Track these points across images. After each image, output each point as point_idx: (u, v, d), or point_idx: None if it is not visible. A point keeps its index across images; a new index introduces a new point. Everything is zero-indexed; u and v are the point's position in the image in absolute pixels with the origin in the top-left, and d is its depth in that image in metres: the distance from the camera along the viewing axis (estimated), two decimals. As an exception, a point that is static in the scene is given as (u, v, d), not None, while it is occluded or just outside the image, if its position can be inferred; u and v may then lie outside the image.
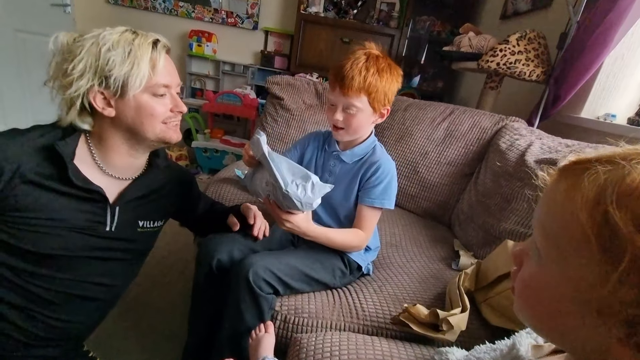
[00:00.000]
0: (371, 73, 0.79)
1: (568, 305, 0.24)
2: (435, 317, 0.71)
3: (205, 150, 2.54)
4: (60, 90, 0.63)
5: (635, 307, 0.21)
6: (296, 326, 0.80)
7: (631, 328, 0.21)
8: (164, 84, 0.68)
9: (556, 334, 0.27)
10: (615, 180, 0.22)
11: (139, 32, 0.67)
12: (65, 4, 2.37)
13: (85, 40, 0.62)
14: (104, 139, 0.69)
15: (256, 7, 2.72)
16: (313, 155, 0.98)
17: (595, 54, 1.19)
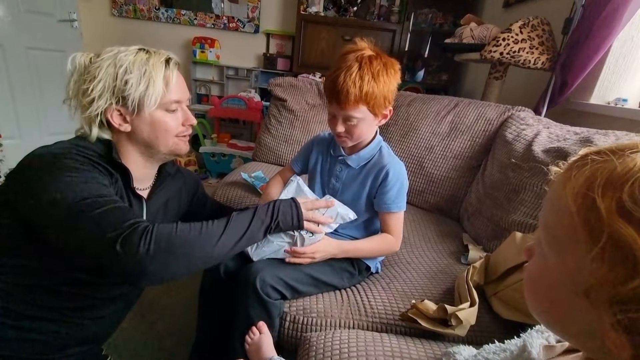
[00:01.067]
0: (366, 81, 0.75)
1: (564, 291, 0.25)
2: (444, 312, 0.71)
3: (213, 155, 2.57)
4: (80, 109, 0.67)
5: (615, 286, 0.21)
6: (305, 326, 0.80)
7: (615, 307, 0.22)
8: (176, 100, 0.71)
9: (557, 323, 0.28)
10: (604, 171, 0.23)
11: (151, 50, 0.70)
12: (72, 20, 2.44)
13: (102, 61, 0.65)
14: (122, 152, 0.72)
15: (256, 11, 2.74)
16: (318, 160, 0.97)
17: (602, 37, 1.16)
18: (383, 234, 0.89)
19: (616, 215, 0.21)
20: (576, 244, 0.24)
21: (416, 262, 1.02)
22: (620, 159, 0.23)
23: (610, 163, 0.23)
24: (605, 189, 0.22)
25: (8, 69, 2.25)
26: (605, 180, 0.23)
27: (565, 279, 0.25)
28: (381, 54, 0.80)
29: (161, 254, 0.57)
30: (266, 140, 1.74)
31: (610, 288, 0.22)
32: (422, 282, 0.91)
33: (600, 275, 0.22)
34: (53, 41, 2.41)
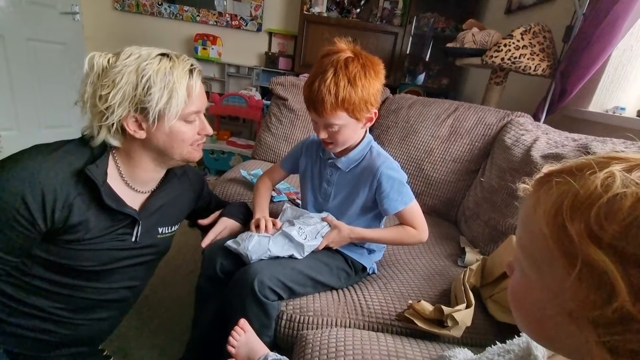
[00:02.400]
0: (342, 87, 0.72)
1: (549, 311, 0.25)
2: (440, 313, 0.72)
3: (212, 152, 2.57)
4: (95, 115, 0.64)
5: (596, 309, 0.22)
6: (301, 324, 0.80)
7: (599, 329, 0.22)
8: (195, 111, 0.69)
9: (546, 340, 0.28)
10: (569, 194, 0.23)
11: (174, 56, 0.66)
12: (74, 12, 2.43)
13: (124, 67, 0.62)
14: (132, 157, 0.70)
15: (259, 9, 2.75)
16: (307, 165, 0.95)
17: (602, 47, 1.17)
18: (403, 226, 0.87)
19: (587, 240, 0.22)
20: (554, 267, 0.24)
21: (413, 263, 1.03)
22: (581, 181, 0.23)
23: (573, 186, 0.24)
24: (573, 213, 0.23)
25: (8, 60, 2.24)
26: (571, 203, 0.23)
27: (548, 299, 0.25)
28: (360, 54, 0.76)
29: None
30: (266, 138, 1.74)
31: (592, 311, 0.22)
32: (419, 283, 0.92)
33: (580, 298, 0.22)
34: (54, 33, 2.40)
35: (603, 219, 0.21)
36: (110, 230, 0.70)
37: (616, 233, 0.21)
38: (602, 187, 0.22)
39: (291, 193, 1.38)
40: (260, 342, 0.69)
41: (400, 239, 0.88)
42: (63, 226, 0.63)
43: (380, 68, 0.78)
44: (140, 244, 0.76)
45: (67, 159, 0.64)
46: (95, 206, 0.66)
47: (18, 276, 0.64)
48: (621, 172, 0.22)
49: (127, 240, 0.73)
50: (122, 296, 0.78)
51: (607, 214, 0.21)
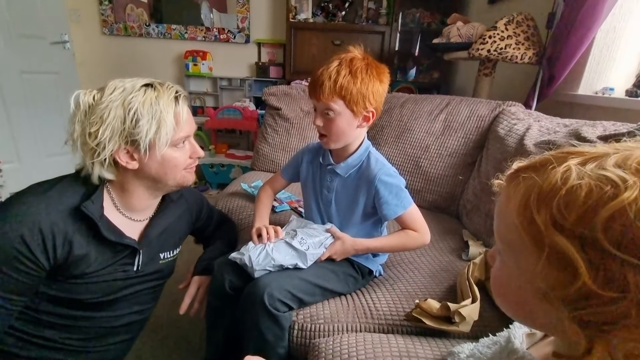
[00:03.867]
0: (342, 75, 0.77)
1: (526, 294, 0.28)
2: (447, 310, 0.73)
3: (211, 166, 2.59)
4: (87, 152, 0.65)
5: (563, 289, 0.24)
6: (313, 332, 0.82)
7: (568, 306, 0.24)
8: (185, 136, 0.71)
9: (527, 319, 0.31)
10: (534, 188, 0.26)
11: (158, 85, 0.67)
12: (64, 41, 2.46)
13: (110, 102, 0.63)
14: (126, 188, 0.71)
15: (246, 21, 2.77)
16: (309, 172, 0.97)
17: (584, 31, 1.19)
18: (404, 230, 0.89)
19: (552, 228, 0.24)
20: (527, 253, 0.26)
21: (418, 261, 1.04)
22: (544, 176, 0.26)
23: (537, 181, 0.26)
24: (539, 204, 0.25)
25: (3, 94, 2.27)
26: (537, 196, 0.25)
27: (525, 284, 0.28)
28: (368, 57, 0.81)
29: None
30: (264, 149, 1.76)
31: (560, 290, 0.24)
32: (425, 281, 0.93)
33: (550, 279, 0.25)
34: (46, 63, 2.44)
35: (563, 209, 0.24)
36: (111, 262, 0.71)
37: (575, 220, 0.23)
38: (561, 180, 0.25)
39: (293, 202, 1.39)
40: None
41: (403, 244, 0.90)
42: (65, 262, 0.64)
43: (385, 72, 0.82)
44: (143, 272, 0.78)
45: (61, 198, 0.64)
46: (94, 240, 0.67)
47: (27, 312, 0.66)
48: (576, 166, 0.25)
49: (129, 270, 0.75)
50: (131, 320, 0.80)
51: (567, 204, 0.24)
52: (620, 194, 0.22)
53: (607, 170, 0.24)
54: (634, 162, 0.24)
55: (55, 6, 2.41)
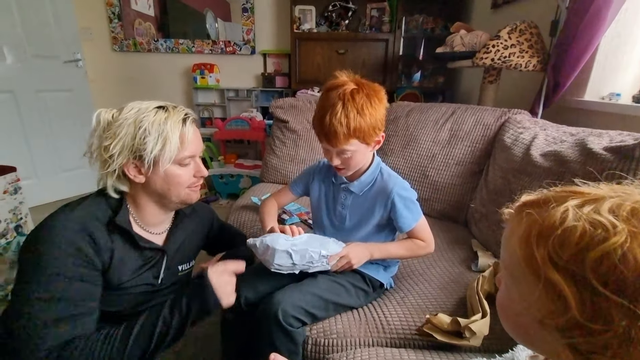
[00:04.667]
0: (352, 118, 0.77)
1: (526, 319, 0.30)
2: (457, 325, 0.74)
3: (221, 177, 2.64)
4: (101, 163, 0.72)
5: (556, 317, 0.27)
6: (327, 347, 0.84)
7: (561, 333, 0.27)
8: (189, 156, 0.75)
9: (527, 342, 0.33)
10: (535, 224, 0.28)
11: (170, 107, 0.74)
12: (77, 59, 2.55)
13: (124, 120, 0.69)
14: (138, 202, 0.77)
15: (251, 33, 2.82)
16: (321, 190, 0.99)
17: (588, 37, 1.19)
18: (412, 239, 0.92)
19: (548, 263, 0.27)
20: (526, 283, 0.29)
21: (428, 273, 1.06)
22: (544, 214, 0.28)
23: (538, 218, 0.29)
24: (538, 241, 0.28)
25: (20, 113, 2.36)
26: (537, 233, 0.28)
27: (524, 310, 0.30)
28: (363, 84, 0.81)
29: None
30: (272, 161, 1.79)
31: (553, 319, 0.27)
32: (435, 293, 0.95)
33: (545, 309, 0.28)
34: (60, 81, 2.52)
35: (558, 247, 0.26)
36: (140, 272, 0.76)
37: (568, 258, 0.26)
38: (559, 220, 0.27)
39: (302, 214, 1.42)
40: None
41: (412, 252, 0.93)
42: (108, 269, 0.70)
43: (383, 94, 0.84)
44: (165, 284, 0.82)
45: (92, 213, 0.71)
46: (127, 249, 0.74)
47: None
48: (574, 208, 0.27)
49: (154, 283, 0.80)
50: None
51: (562, 243, 0.26)
52: (609, 238, 0.24)
53: (601, 215, 0.26)
54: (626, 210, 0.26)
55: (68, 26, 2.49)
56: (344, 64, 2.62)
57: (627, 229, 0.24)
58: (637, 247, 0.24)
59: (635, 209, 0.25)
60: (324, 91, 0.84)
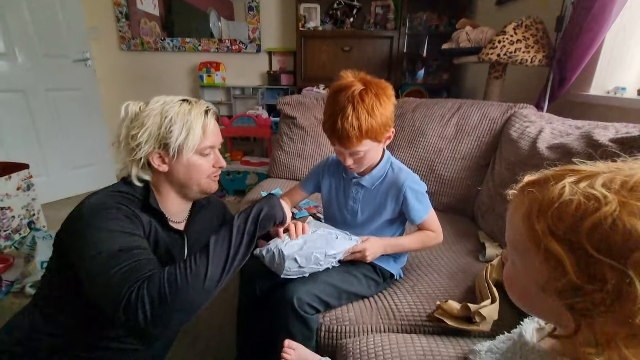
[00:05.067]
0: (363, 120, 0.78)
1: (530, 287, 0.34)
2: (467, 310, 0.77)
3: (228, 173, 2.67)
4: (127, 152, 0.75)
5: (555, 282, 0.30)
6: (339, 334, 0.87)
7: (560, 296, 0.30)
8: (210, 146, 0.79)
9: (532, 308, 0.37)
10: (536, 201, 0.32)
11: (193, 101, 0.78)
12: (86, 58, 2.58)
13: (151, 110, 0.73)
14: (160, 191, 0.80)
15: (257, 31, 2.85)
16: (332, 186, 1.01)
17: (594, 33, 1.21)
18: (422, 231, 0.94)
19: (548, 235, 0.30)
20: (529, 255, 0.32)
21: (436, 263, 1.08)
22: (544, 192, 0.31)
23: (538, 195, 0.32)
24: (538, 215, 0.31)
25: (32, 112, 2.40)
26: (537, 209, 0.31)
27: (528, 279, 0.34)
28: (370, 83, 0.81)
29: (158, 314, 0.57)
30: (280, 157, 1.82)
31: (553, 284, 0.30)
32: (444, 282, 0.97)
33: (546, 275, 0.31)
34: (69, 81, 2.56)
35: (557, 220, 0.30)
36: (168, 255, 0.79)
37: (565, 228, 0.29)
38: (557, 196, 0.30)
39: (311, 208, 1.45)
40: (311, 352, 0.75)
41: (424, 243, 0.96)
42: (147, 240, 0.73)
43: (390, 91, 0.84)
44: None
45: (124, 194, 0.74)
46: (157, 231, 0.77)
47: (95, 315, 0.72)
48: (570, 184, 0.30)
49: None
50: None
51: (560, 215, 0.29)
52: (601, 208, 0.27)
53: (594, 188, 0.29)
54: (617, 183, 0.29)
55: (76, 26, 2.53)
56: (349, 61, 2.64)
57: (617, 200, 0.27)
58: (626, 214, 0.27)
59: (625, 181, 0.28)
60: (332, 93, 0.84)
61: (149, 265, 0.64)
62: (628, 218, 0.26)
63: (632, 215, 0.26)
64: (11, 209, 1.85)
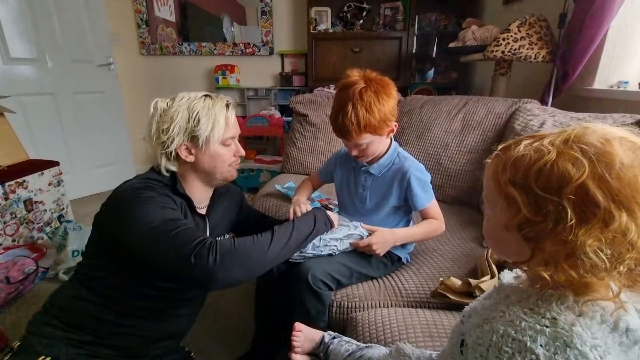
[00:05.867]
0: (361, 116, 0.85)
1: (499, 232, 0.41)
2: (468, 285, 0.83)
3: (242, 171, 2.77)
4: (158, 145, 0.82)
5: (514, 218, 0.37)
6: (350, 309, 0.94)
7: (519, 229, 0.38)
8: (231, 136, 0.87)
9: (503, 250, 0.44)
10: (501, 160, 0.39)
11: (214, 96, 0.86)
12: (109, 63, 2.74)
13: (179, 106, 0.81)
14: (186, 179, 0.88)
15: (270, 35, 2.96)
16: (343, 175, 1.09)
17: (595, 29, 1.25)
18: (428, 220, 1.00)
19: (508, 184, 0.38)
20: (497, 202, 0.40)
21: (441, 249, 1.14)
22: (508, 153, 0.39)
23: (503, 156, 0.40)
24: (502, 170, 0.39)
25: (59, 114, 2.56)
26: (502, 166, 0.39)
27: (497, 223, 0.41)
28: (371, 81, 0.88)
29: (226, 263, 0.69)
30: (293, 153, 1.90)
31: (512, 220, 0.38)
32: (449, 265, 1.03)
33: (507, 215, 0.38)
34: (94, 84, 2.72)
35: (514, 170, 0.37)
36: None
37: (520, 176, 0.37)
38: (515, 153, 0.38)
39: (323, 200, 1.52)
40: (316, 331, 0.83)
41: (430, 232, 1.00)
42: None
43: (391, 88, 0.90)
44: None
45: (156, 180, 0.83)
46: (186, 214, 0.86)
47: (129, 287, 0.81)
48: (525, 144, 0.38)
49: None
50: (197, 294, 0.95)
51: (516, 167, 0.37)
52: (544, 157, 0.35)
53: (542, 144, 0.37)
54: (559, 139, 0.36)
55: (101, 32, 2.68)
56: (358, 61, 2.71)
57: (556, 150, 0.35)
58: (561, 161, 0.34)
59: (564, 138, 0.36)
60: (338, 91, 0.93)
61: (198, 232, 0.74)
62: (562, 163, 0.34)
63: (565, 160, 0.34)
64: (43, 203, 1.99)
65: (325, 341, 0.80)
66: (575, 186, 0.33)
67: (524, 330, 0.35)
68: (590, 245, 0.33)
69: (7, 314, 1.44)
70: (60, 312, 0.80)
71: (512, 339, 0.36)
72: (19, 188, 1.83)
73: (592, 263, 0.33)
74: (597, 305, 0.35)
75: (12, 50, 2.27)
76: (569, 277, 0.35)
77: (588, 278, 0.34)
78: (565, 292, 0.37)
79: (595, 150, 0.34)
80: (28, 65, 2.38)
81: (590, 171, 0.33)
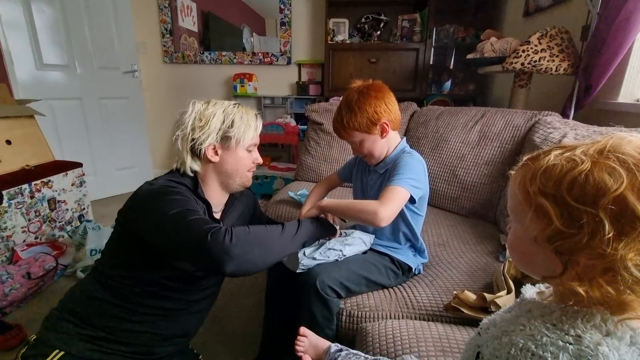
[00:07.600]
0: (344, 116, 0.95)
1: (526, 245, 0.39)
2: (483, 300, 0.80)
3: (256, 178, 2.80)
4: (188, 143, 0.87)
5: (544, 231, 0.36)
6: (360, 319, 0.93)
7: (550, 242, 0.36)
8: (254, 143, 0.93)
9: (529, 265, 0.42)
10: (530, 170, 0.38)
11: (243, 105, 0.93)
12: (134, 70, 2.85)
13: (215, 109, 0.88)
14: (205, 180, 0.91)
15: (288, 45, 3.02)
16: (357, 176, 1.15)
17: (619, 42, 1.22)
18: (370, 201, 0.92)
19: (538, 194, 0.36)
20: (524, 215, 0.38)
21: (456, 262, 1.12)
22: (536, 163, 0.38)
23: (531, 166, 0.38)
24: (531, 180, 0.37)
25: (86, 118, 2.68)
26: (530, 175, 0.38)
27: (525, 236, 0.39)
28: (364, 86, 0.96)
29: (241, 242, 0.71)
30: (307, 160, 1.92)
31: (543, 232, 0.36)
32: (463, 279, 1.01)
33: (536, 227, 0.37)
34: (119, 90, 2.83)
35: (544, 180, 0.36)
36: None
37: (551, 186, 0.35)
38: (545, 163, 0.37)
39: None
40: (322, 339, 0.81)
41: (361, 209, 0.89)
42: None
43: (383, 91, 0.97)
44: None
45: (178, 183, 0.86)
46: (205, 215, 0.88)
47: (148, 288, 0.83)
48: (555, 154, 0.37)
49: None
50: (209, 294, 0.96)
51: (547, 177, 0.36)
52: (577, 167, 0.34)
53: (574, 154, 0.35)
54: (592, 149, 0.35)
55: (127, 41, 2.81)
56: (375, 72, 2.72)
57: (591, 160, 0.34)
58: (597, 171, 0.33)
59: (598, 148, 0.35)
60: None
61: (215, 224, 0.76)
62: (597, 173, 0.33)
63: (601, 170, 0.33)
64: (66, 203, 2.06)
65: (331, 352, 0.79)
66: (613, 197, 0.32)
67: (545, 346, 0.34)
68: (632, 259, 0.31)
69: (26, 309, 1.49)
70: (75, 308, 0.83)
71: (532, 354, 0.34)
72: (44, 187, 1.91)
73: (634, 279, 0.32)
74: (627, 325, 0.34)
75: (45, 57, 2.41)
76: (605, 293, 0.33)
77: (627, 295, 0.33)
78: (591, 310, 0.35)
79: (634, 161, 0.32)
80: (59, 71, 2.50)
81: (629, 182, 0.32)
